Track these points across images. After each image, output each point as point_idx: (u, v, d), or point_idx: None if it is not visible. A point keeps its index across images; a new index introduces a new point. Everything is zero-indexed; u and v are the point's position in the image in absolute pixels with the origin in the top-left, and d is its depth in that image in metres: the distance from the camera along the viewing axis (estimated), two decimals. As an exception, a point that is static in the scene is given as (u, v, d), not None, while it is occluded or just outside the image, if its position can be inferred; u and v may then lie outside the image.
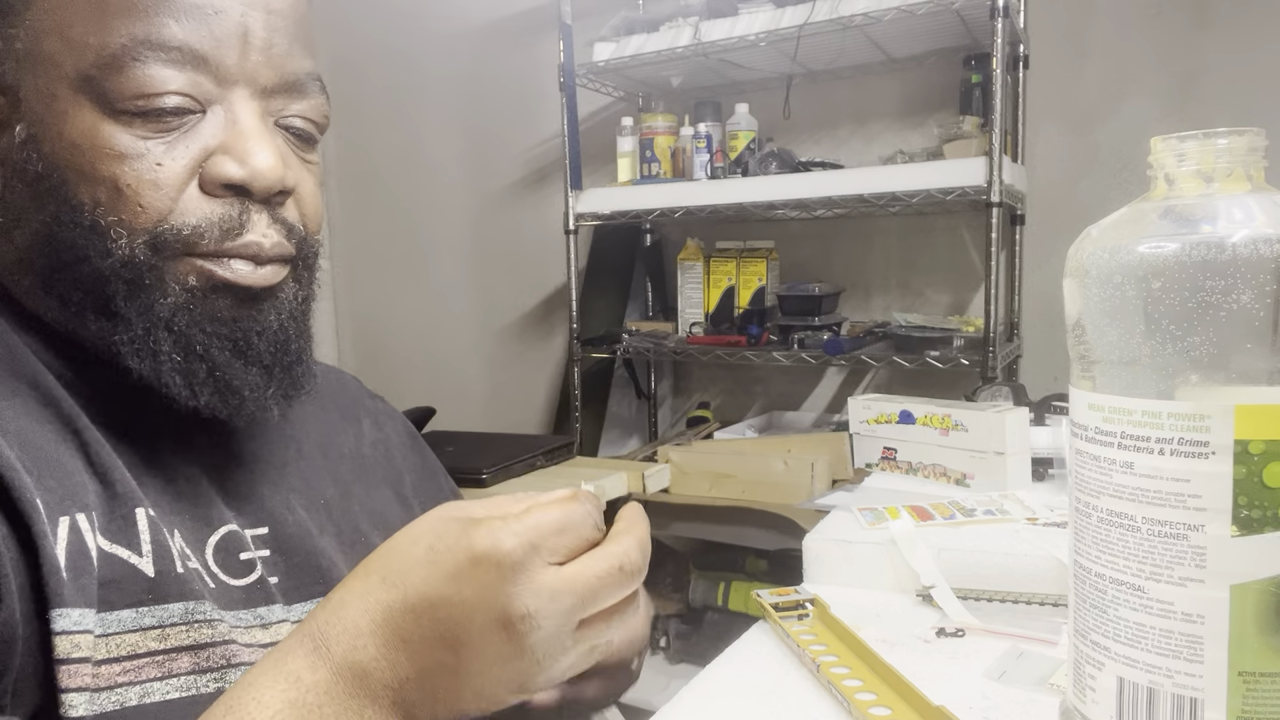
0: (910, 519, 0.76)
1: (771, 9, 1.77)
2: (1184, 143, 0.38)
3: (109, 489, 0.46)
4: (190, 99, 0.48)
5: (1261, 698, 0.35)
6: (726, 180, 1.87)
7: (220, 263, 0.49)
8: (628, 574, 0.41)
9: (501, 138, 2.58)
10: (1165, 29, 1.75)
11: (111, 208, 0.47)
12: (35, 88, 0.47)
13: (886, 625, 0.63)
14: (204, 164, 0.49)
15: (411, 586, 0.39)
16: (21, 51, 0.47)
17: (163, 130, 0.47)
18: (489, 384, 2.72)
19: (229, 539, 0.52)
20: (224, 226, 0.49)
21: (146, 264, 0.47)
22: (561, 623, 0.39)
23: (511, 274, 2.62)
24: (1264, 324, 0.35)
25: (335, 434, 0.65)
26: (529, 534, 0.39)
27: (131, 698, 0.43)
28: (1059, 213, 1.88)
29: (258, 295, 0.51)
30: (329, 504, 0.60)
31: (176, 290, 0.48)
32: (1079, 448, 0.41)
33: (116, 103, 0.46)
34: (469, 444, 1.73)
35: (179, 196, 0.48)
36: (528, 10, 2.46)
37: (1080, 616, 0.41)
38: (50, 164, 0.47)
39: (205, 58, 0.48)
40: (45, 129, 0.47)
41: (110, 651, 0.44)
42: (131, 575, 0.45)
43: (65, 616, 0.41)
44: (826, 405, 2.16)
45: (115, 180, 0.47)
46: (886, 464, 1.05)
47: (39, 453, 0.45)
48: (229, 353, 0.50)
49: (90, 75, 0.46)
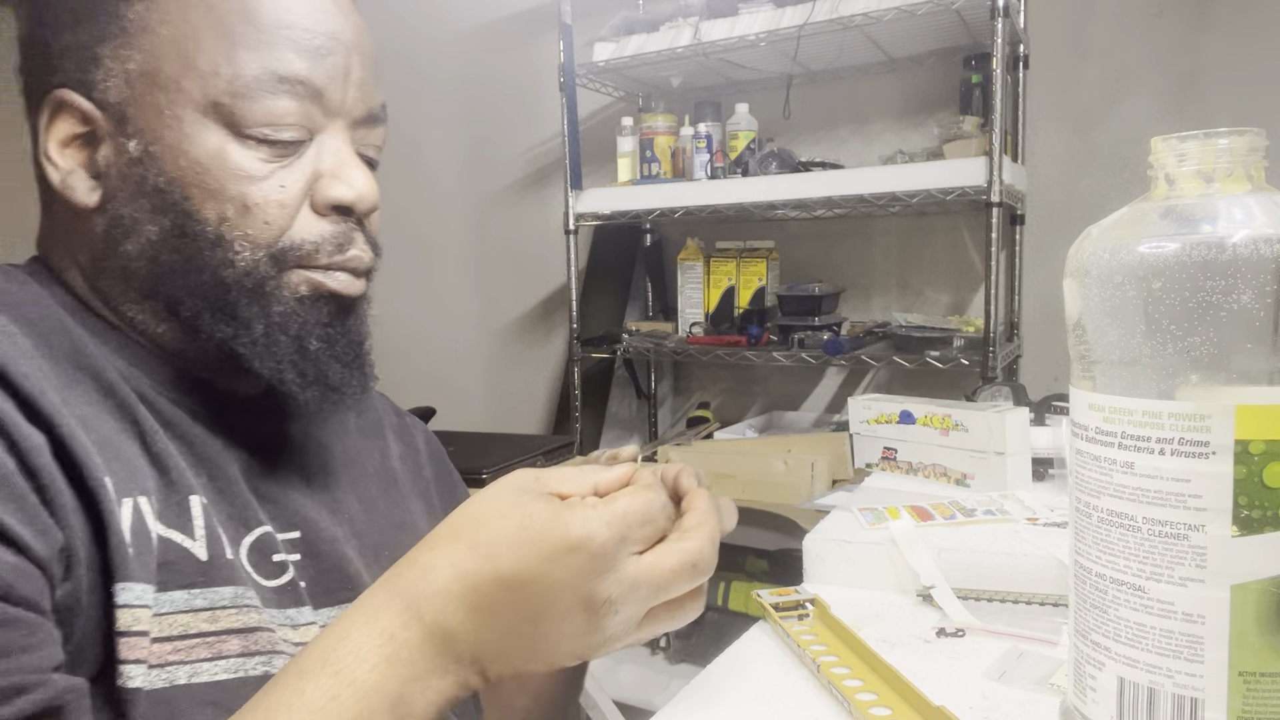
0: (910, 519, 0.76)
1: (771, 9, 1.77)
2: (1184, 143, 0.38)
3: (165, 476, 0.49)
4: (304, 129, 0.53)
5: (1262, 698, 0.35)
6: (726, 180, 1.87)
7: (327, 274, 0.55)
8: (699, 570, 0.44)
9: (501, 138, 2.58)
10: (1165, 29, 1.75)
11: (238, 223, 0.52)
12: (154, 108, 0.51)
13: (886, 625, 0.63)
14: (313, 186, 0.54)
15: (505, 562, 0.42)
16: (135, 73, 0.51)
17: (281, 155, 0.53)
18: (489, 384, 2.72)
19: (263, 540, 0.54)
20: (336, 242, 0.54)
21: (267, 275, 0.53)
22: (636, 610, 0.43)
23: (511, 274, 2.62)
24: (1264, 324, 0.35)
25: (359, 451, 0.67)
26: (620, 525, 0.42)
27: (181, 676, 0.46)
28: (1059, 213, 1.88)
29: (351, 304, 0.57)
30: (353, 518, 0.63)
31: (288, 299, 0.53)
32: (1079, 448, 0.41)
33: (244, 128, 0.51)
34: (469, 444, 1.73)
35: (296, 215, 0.53)
36: (528, 10, 2.46)
37: (1080, 616, 0.41)
38: (171, 180, 0.51)
39: (320, 92, 0.53)
40: (165, 147, 0.51)
41: (163, 630, 0.46)
42: (185, 558, 0.48)
43: (128, 590, 0.44)
44: (826, 405, 2.16)
45: (244, 199, 0.51)
46: (886, 464, 1.05)
47: (102, 438, 0.47)
48: (327, 354, 0.55)
49: (220, 101, 0.51)
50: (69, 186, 0.52)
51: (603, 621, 0.42)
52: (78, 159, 0.53)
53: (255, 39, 0.51)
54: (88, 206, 0.52)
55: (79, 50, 0.51)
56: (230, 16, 0.51)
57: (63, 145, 0.53)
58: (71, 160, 0.53)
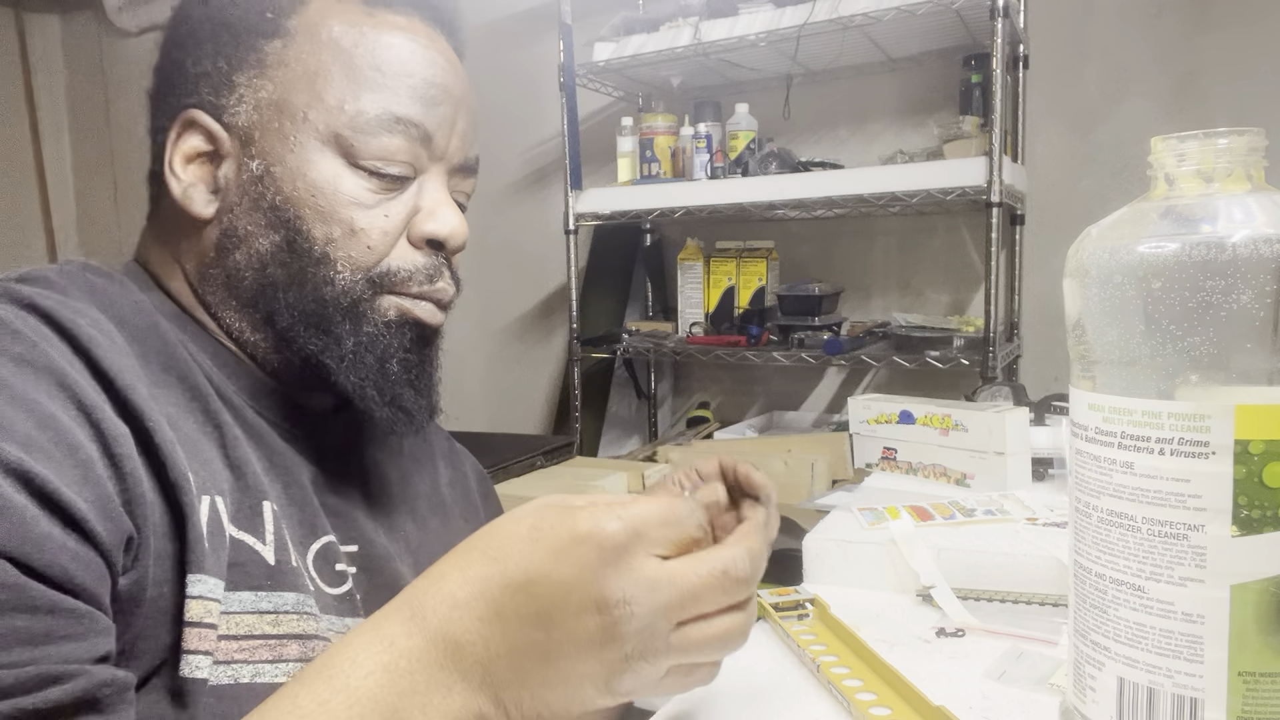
0: (910, 519, 0.76)
1: (771, 9, 1.77)
2: (1184, 143, 0.38)
3: (241, 480, 0.51)
4: (410, 166, 0.58)
5: (1261, 698, 0.35)
6: (726, 180, 1.86)
7: (415, 303, 0.59)
8: (734, 580, 0.40)
9: (501, 138, 2.58)
10: (1165, 29, 1.75)
11: (344, 245, 0.56)
12: (279, 133, 0.56)
13: (886, 625, 0.63)
14: (411, 221, 0.58)
15: (511, 562, 0.40)
16: (266, 101, 0.56)
17: (388, 189, 0.57)
18: (489, 384, 2.72)
19: (328, 549, 0.56)
20: (428, 273, 0.59)
21: (362, 295, 0.57)
22: (657, 617, 0.39)
23: (511, 274, 2.62)
24: (1264, 324, 0.35)
25: (413, 475, 0.70)
26: (633, 520, 0.40)
27: (245, 675, 0.46)
28: (1059, 213, 1.88)
29: (432, 335, 0.61)
30: (408, 537, 0.65)
31: (377, 321, 0.57)
32: (1079, 448, 0.41)
33: (359, 160, 0.56)
34: (468, 444, 1.73)
35: (395, 244, 0.58)
36: (528, 10, 2.46)
37: (1080, 616, 0.41)
38: (287, 199, 0.55)
39: (430, 136, 0.58)
40: (286, 169, 0.55)
41: (229, 629, 0.47)
42: (255, 560, 0.49)
43: (202, 583, 0.45)
44: (826, 405, 2.16)
45: (351, 223, 0.56)
46: (886, 464, 1.05)
47: (186, 436, 0.49)
48: (404, 379, 0.59)
49: (341, 134, 0.55)
50: (189, 197, 0.56)
51: (619, 628, 0.39)
52: (199, 174, 0.57)
53: (379, 82, 0.56)
54: (204, 217, 0.56)
55: (216, 76, 0.57)
56: (360, 60, 0.56)
57: (186, 160, 0.57)
58: (194, 174, 0.57)
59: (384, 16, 0.58)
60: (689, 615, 0.40)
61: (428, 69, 0.58)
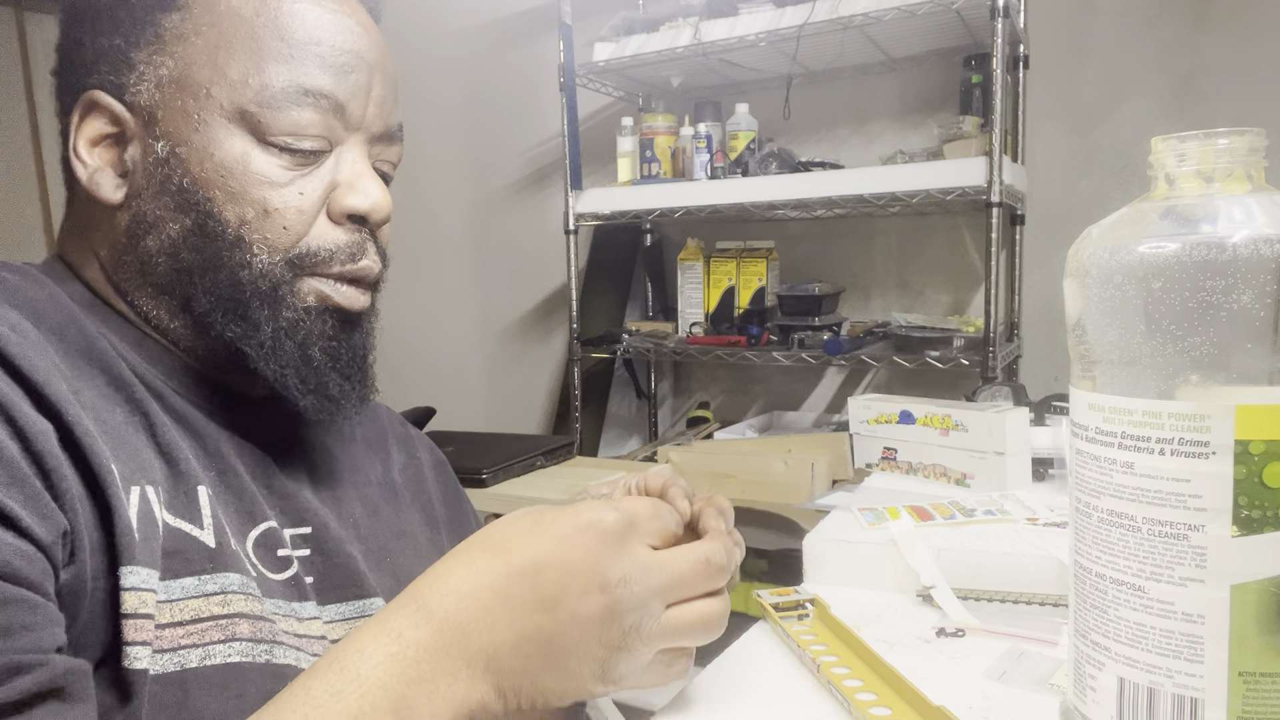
0: (910, 519, 0.76)
1: (771, 9, 1.77)
2: (1184, 143, 0.38)
3: (173, 467, 0.50)
4: (325, 140, 0.55)
5: (1261, 698, 0.35)
6: (726, 180, 1.87)
7: (335, 287, 0.57)
8: (715, 567, 0.46)
9: (501, 138, 2.58)
10: (1165, 29, 1.75)
11: (258, 226, 0.54)
12: (183, 112, 0.53)
13: (886, 625, 0.63)
14: (330, 196, 0.56)
15: (517, 552, 0.43)
16: (167, 78, 0.53)
17: (302, 164, 0.55)
18: (489, 384, 2.72)
19: (268, 535, 0.55)
20: (350, 251, 0.57)
21: (280, 278, 0.54)
22: (651, 597, 0.43)
23: (511, 274, 2.62)
24: (1264, 324, 0.35)
25: (363, 460, 0.69)
26: (627, 512, 0.45)
27: (193, 659, 0.46)
28: (1059, 213, 1.88)
29: (356, 319, 0.59)
30: (357, 521, 0.64)
31: (296, 306, 0.55)
32: (1079, 448, 0.41)
33: (269, 136, 0.53)
34: (469, 444, 1.73)
35: (313, 222, 0.55)
36: (528, 10, 2.46)
37: (1080, 616, 0.41)
38: (195, 181, 0.53)
39: (343, 107, 0.55)
40: (192, 150, 0.53)
41: (174, 616, 0.46)
42: (194, 546, 0.48)
43: (134, 574, 0.44)
44: (826, 405, 2.16)
45: (265, 203, 0.54)
46: (886, 464, 1.05)
47: (111, 429, 0.48)
48: (329, 365, 0.57)
49: (247, 110, 0.53)
50: (96, 183, 0.54)
51: (619, 605, 0.43)
52: (105, 157, 0.55)
53: (284, 53, 0.54)
54: (113, 203, 0.54)
55: (114, 54, 0.54)
56: (262, 31, 0.53)
57: (92, 144, 0.55)
58: (100, 158, 0.55)
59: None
60: (677, 598, 0.45)
61: (337, 35, 0.55)
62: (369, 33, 0.58)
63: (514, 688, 0.43)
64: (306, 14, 0.55)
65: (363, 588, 0.58)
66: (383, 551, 0.63)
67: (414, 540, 0.67)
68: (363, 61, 0.57)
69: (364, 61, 0.57)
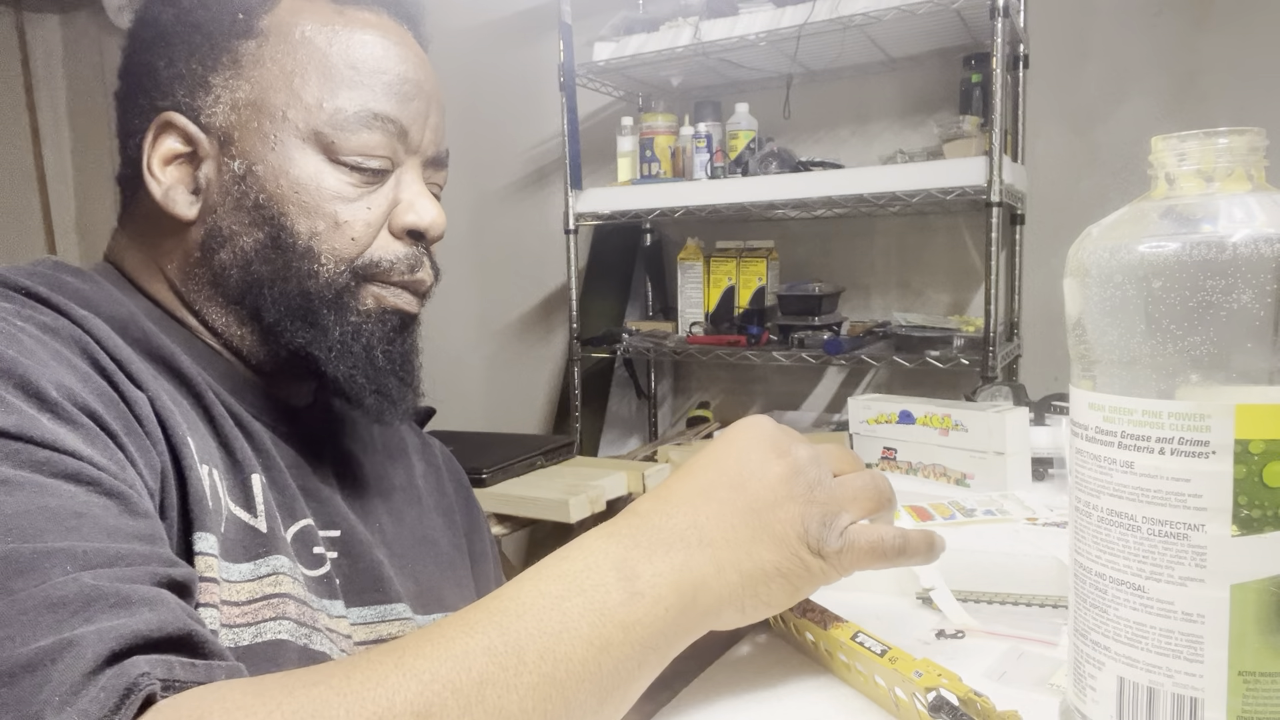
0: (910, 519, 0.76)
1: (771, 9, 1.77)
2: (1185, 142, 0.38)
3: (231, 457, 0.53)
4: (389, 160, 0.60)
5: (1261, 698, 0.35)
6: (726, 180, 1.87)
7: (394, 292, 0.61)
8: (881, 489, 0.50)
9: (501, 137, 2.58)
10: (1165, 29, 1.75)
11: (327, 238, 0.57)
12: (259, 132, 0.57)
13: (886, 627, 0.63)
14: (392, 213, 0.60)
15: (690, 462, 0.48)
16: (243, 101, 0.57)
17: (369, 183, 0.59)
18: (489, 384, 2.72)
19: (306, 531, 0.57)
20: (409, 262, 0.61)
21: (345, 286, 0.58)
22: (818, 459, 0.48)
23: (511, 274, 2.62)
24: (1264, 323, 0.35)
25: (386, 468, 0.71)
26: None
27: (246, 638, 0.48)
28: (1059, 213, 1.88)
29: (410, 321, 0.63)
30: (383, 527, 0.66)
31: (358, 310, 0.59)
32: (1079, 447, 0.41)
33: (340, 156, 0.58)
34: (469, 444, 1.73)
35: (377, 236, 0.60)
36: (528, 10, 2.46)
37: (1080, 616, 0.41)
38: (270, 197, 0.57)
39: (405, 131, 0.60)
40: (267, 168, 0.57)
41: (233, 596, 0.49)
42: (249, 533, 0.51)
43: (204, 540, 0.47)
44: (826, 405, 2.16)
45: (335, 216, 0.58)
46: (886, 464, 1.05)
47: (184, 413, 0.51)
48: (388, 367, 0.61)
49: (321, 131, 0.57)
50: (171, 199, 0.57)
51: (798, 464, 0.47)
52: (178, 175, 0.58)
53: (355, 80, 0.58)
54: (186, 219, 0.57)
55: (191, 78, 0.57)
56: (335, 59, 0.58)
57: (165, 162, 0.58)
58: (173, 176, 0.58)
59: (354, 14, 0.59)
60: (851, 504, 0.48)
61: (400, 65, 0.60)
62: (424, 64, 0.63)
63: (732, 562, 0.44)
64: (375, 45, 0.59)
65: (387, 593, 0.60)
66: (405, 557, 0.65)
67: (436, 546, 0.69)
68: (421, 90, 0.61)
69: (423, 90, 0.61)
